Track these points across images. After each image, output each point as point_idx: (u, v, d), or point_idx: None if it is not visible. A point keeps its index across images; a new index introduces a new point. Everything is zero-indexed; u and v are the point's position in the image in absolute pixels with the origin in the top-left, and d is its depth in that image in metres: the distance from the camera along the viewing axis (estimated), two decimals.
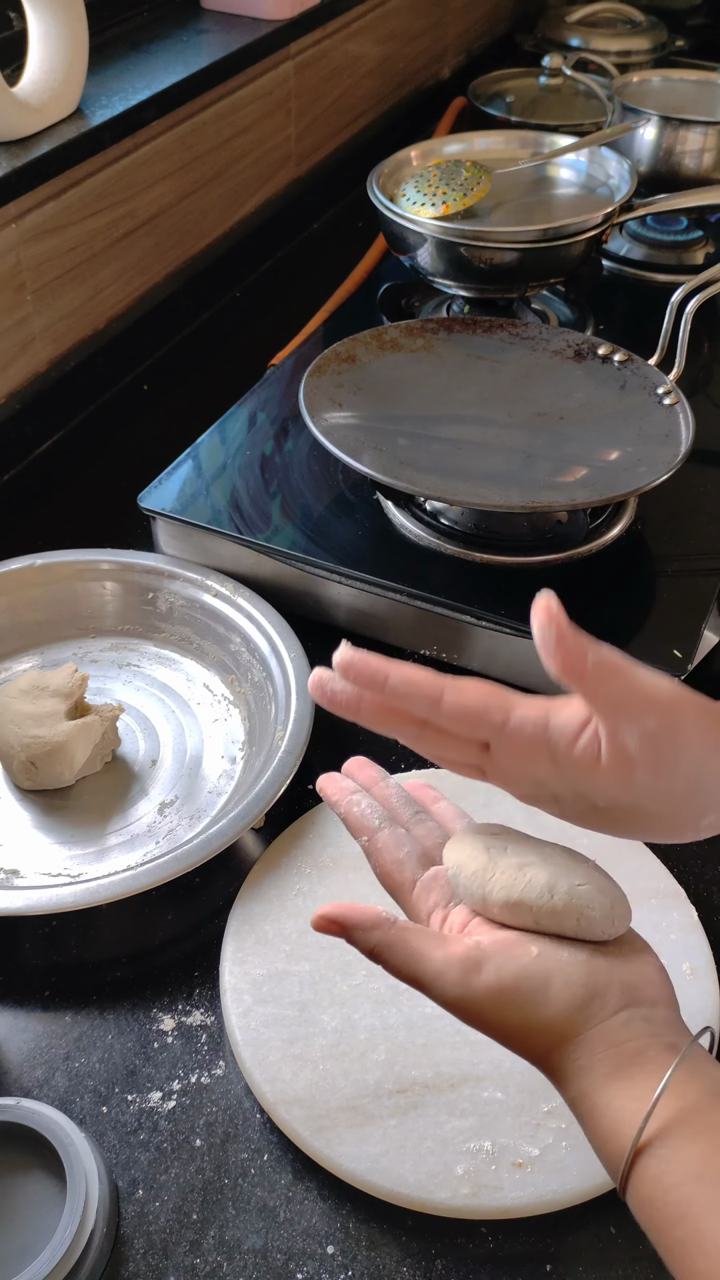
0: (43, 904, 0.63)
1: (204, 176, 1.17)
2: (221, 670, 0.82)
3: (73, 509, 0.96)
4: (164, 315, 1.15)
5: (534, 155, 1.11)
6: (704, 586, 0.80)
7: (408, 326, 0.94)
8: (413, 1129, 0.57)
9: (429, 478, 0.80)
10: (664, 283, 1.16)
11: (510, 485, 0.80)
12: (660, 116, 1.19)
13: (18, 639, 0.84)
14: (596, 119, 1.36)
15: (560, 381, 0.89)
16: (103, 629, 0.85)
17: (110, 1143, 0.58)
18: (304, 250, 1.34)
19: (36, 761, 0.72)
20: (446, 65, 1.69)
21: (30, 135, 0.94)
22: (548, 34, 1.65)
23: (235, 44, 1.14)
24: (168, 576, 0.84)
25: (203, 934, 0.67)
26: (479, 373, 0.90)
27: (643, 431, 0.83)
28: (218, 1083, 0.60)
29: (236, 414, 0.96)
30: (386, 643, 0.83)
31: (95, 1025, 0.62)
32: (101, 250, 1.05)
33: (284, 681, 0.75)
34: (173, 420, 1.04)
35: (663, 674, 0.47)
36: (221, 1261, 0.54)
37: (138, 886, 0.64)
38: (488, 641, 0.78)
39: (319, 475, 0.89)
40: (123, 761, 0.76)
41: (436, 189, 1.02)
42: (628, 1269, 0.54)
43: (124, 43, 1.13)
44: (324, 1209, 0.56)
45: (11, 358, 0.98)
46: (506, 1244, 0.55)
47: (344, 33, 1.36)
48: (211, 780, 0.75)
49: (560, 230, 0.98)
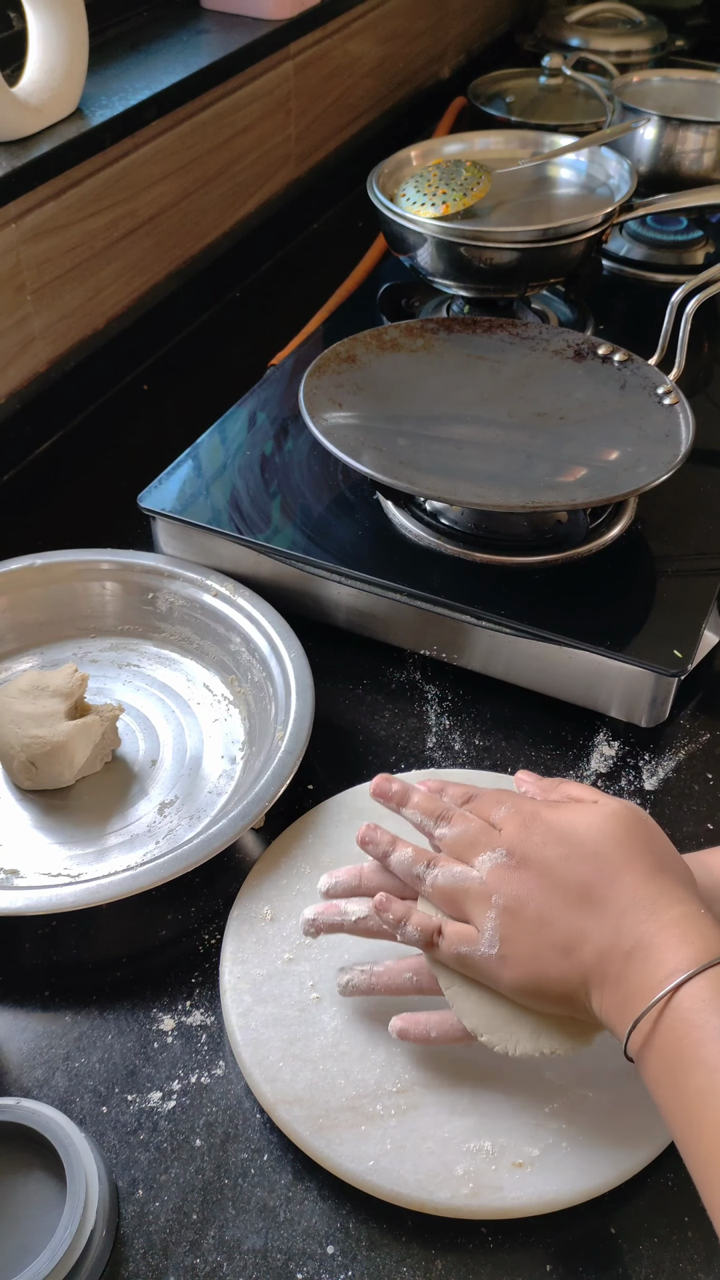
0: (43, 904, 0.63)
1: (204, 176, 1.17)
2: (221, 670, 0.82)
3: (73, 509, 0.96)
4: (164, 315, 1.15)
5: (534, 155, 1.11)
6: (704, 586, 0.80)
7: (408, 326, 0.94)
8: (413, 1129, 0.57)
9: (429, 478, 0.80)
10: (664, 283, 1.16)
11: (510, 485, 0.80)
12: (660, 116, 1.19)
13: (18, 639, 0.84)
14: (596, 119, 1.36)
15: (560, 381, 0.89)
16: (103, 629, 0.85)
17: (110, 1143, 0.58)
18: (304, 250, 1.34)
19: (36, 761, 0.72)
20: (446, 65, 1.69)
21: (30, 135, 0.94)
22: (548, 34, 1.65)
23: (235, 44, 1.14)
24: (168, 576, 0.84)
25: (203, 934, 0.67)
26: (479, 373, 0.90)
27: (643, 431, 0.83)
28: (218, 1083, 0.60)
29: (236, 414, 0.96)
30: (387, 642, 0.83)
31: (95, 1025, 0.62)
32: (101, 250, 1.05)
33: (284, 681, 0.75)
34: (173, 420, 1.04)
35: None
36: (221, 1261, 0.54)
37: (138, 886, 0.64)
38: (488, 641, 0.78)
39: (319, 475, 0.89)
40: (123, 761, 0.76)
41: (436, 189, 1.02)
42: (628, 1269, 0.54)
43: (124, 43, 1.13)
44: (324, 1209, 0.56)
45: (11, 358, 0.98)
46: (506, 1244, 0.55)
47: (344, 33, 1.36)
48: (211, 780, 0.75)
49: (560, 230, 0.98)
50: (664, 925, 0.49)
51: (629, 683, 0.76)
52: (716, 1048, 0.45)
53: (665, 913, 0.50)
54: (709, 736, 0.78)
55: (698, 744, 0.78)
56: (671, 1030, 0.47)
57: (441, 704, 0.80)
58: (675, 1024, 0.47)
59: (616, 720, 0.78)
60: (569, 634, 0.76)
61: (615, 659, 0.75)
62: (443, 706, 0.80)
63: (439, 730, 0.78)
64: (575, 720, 0.79)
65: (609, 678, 0.76)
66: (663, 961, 0.48)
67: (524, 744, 0.77)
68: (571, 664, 0.76)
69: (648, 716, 0.77)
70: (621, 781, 0.75)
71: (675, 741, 0.78)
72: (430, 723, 0.79)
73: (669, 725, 0.78)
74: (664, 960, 0.48)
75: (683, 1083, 0.46)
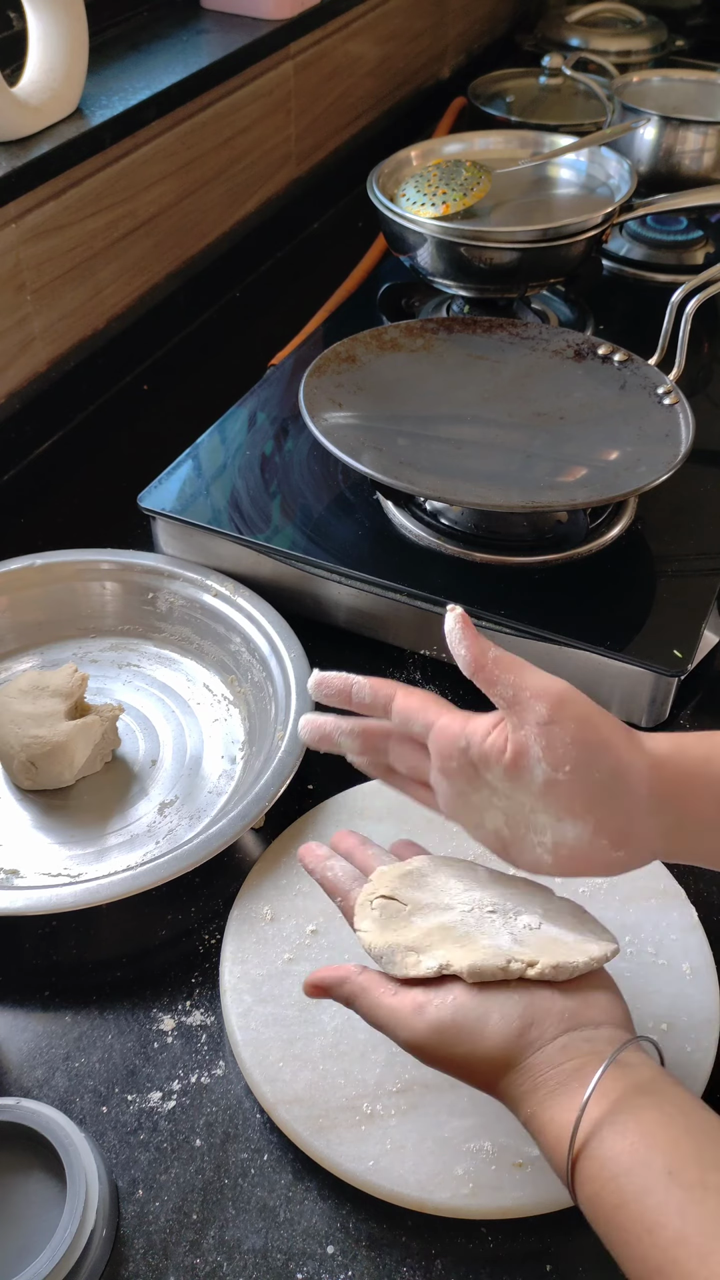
0: (43, 904, 0.63)
1: (204, 176, 1.17)
2: (221, 670, 0.82)
3: (73, 509, 0.96)
4: (164, 315, 1.15)
5: (534, 155, 1.11)
6: (704, 586, 0.80)
7: (408, 326, 0.94)
8: (413, 1129, 0.57)
9: (429, 478, 0.80)
10: (664, 283, 1.16)
11: (510, 485, 0.80)
12: (660, 116, 1.19)
13: (18, 639, 0.84)
14: (596, 119, 1.36)
15: (560, 381, 0.89)
16: (103, 629, 0.85)
17: (110, 1143, 0.58)
18: (304, 250, 1.34)
19: (36, 761, 0.72)
20: (446, 65, 1.69)
21: (30, 135, 0.94)
22: (548, 34, 1.65)
23: (235, 44, 1.14)
24: (168, 576, 0.84)
25: (203, 934, 0.67)
26: (479, 373, 0.90)
27: (643, 431, 0.83)
28: (218, 1083, 0.60)
29: (236, 414, 0.96)
30: (386, 642, 0.83)
31: (95, 1025, 0.62)
32: (101, 250, 1.05)
33: (284, 681, 0.75)
34: (173, 420, 1.04)
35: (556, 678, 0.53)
36: (221, 1261, 0.54)
37: (138, 886, 0.64)
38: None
39: (319, 475, 0.89)
40: (123, 761, 0.76)
41: (436, 189, 1.02)
42: None
43: (124, 43, 1.13)
44: (324, 1209, 0.56)
45: (11, 358, 0.98)
46: (506, 1244, 0.55)
47: (344, 33, 1.36)
48: (211, 780, 0.75)
49: (560, 230, 0.98)
50: (535, 1110, 0.48)
51: (629, 683, 0.76)
52: (623, 1216, 0.44)
53: (525, 1105, 0.48)
54: None
55: None
56: (585, 1201, 0.46)
57: None
58: (586, 1196, 0.46)
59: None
60: (569, 634, 0.76)
61: (615, 659, 0.75)
62: None
63: None
64: None
65: (609, 678, 0.76)
66: (545, 1132, 0.47)
67: None
68: (571, 664, 0.76)
69: (648, 716, 0.77)
70: None
71: None
72: None
73: (669, 725, 0.78)
74: (547, 1132, 0.47)
75: (609, 1238, 0.45)
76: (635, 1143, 0.44)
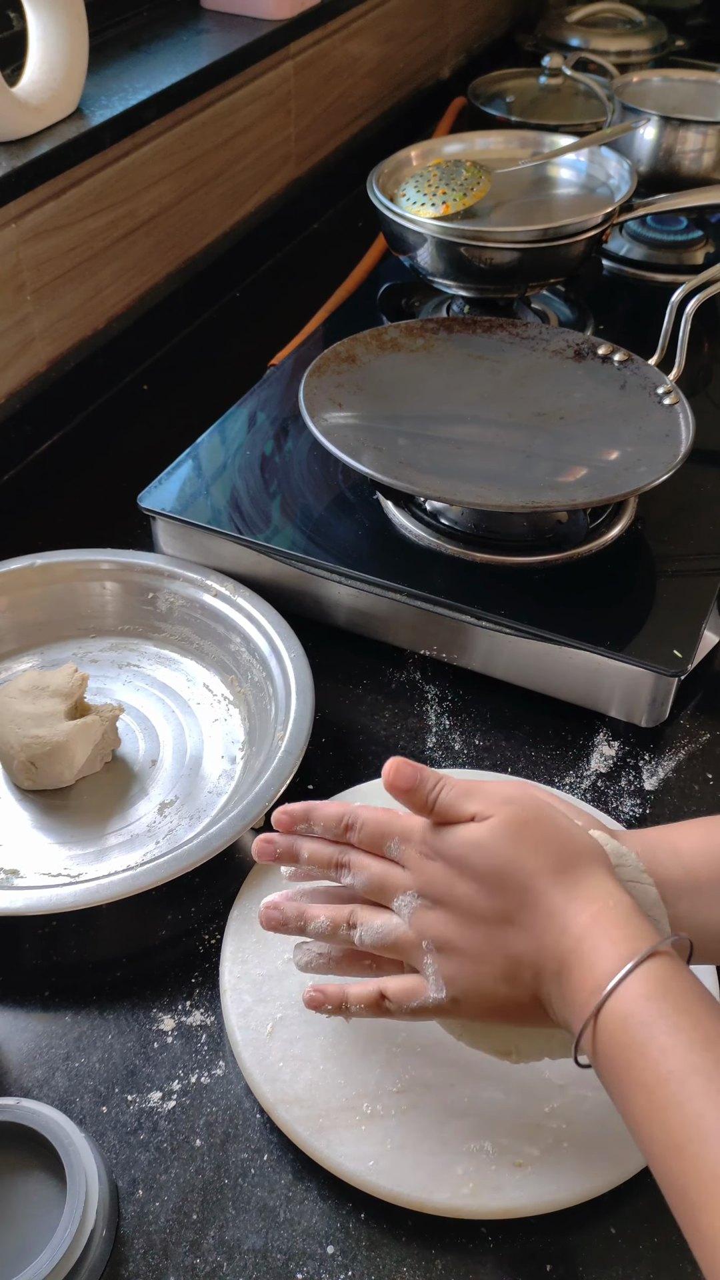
0: (43, 904, 0.63)
1: (204, 176, 1.17)
2: (221, 670, 0.82)
3: (73, 509, 0.96)
4: (164, 315, 1.15)
5: (534, 155, 1.11)
6: (704, 586, 0.80)
7: (408, 326, 0.94)
8: (413, 1129, 0.57)
9: (429, 478, 0.80)
10: (664, 283, 1.16)
11: (510, 485, 0.80)
12: (660, 116, 1.19)
13: (18, 639, 0.84)
14: (596, 119, 1.36)
15: (560, 381, 0.89)
16: (103, 629, 0.85)
17: (110, 1143, 0.58)
18: (304, 250, 1.34)
19: (36, 761, 0.72)
20: (446, 65, 1.69)
21: (30, 135, 0.94)
22: (548, 34, 1.65)
23: (235, 44, 1.14)
24: (168, 576, 0.84)
25: (203, 934, 0.67)
26: (479, 373, 0.90)
27: (643, 431, 0.83)
28: (218, 1083, 0.60)
29: (236, 414, 0.96)
30: (386, 642, 0.83)
31: (95, 1025, 0.62)
32: (101, 250, 1.05)
33: (284, 681, 0.75)
34: (173, 420, 1.04)
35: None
36: (221, 1261, 0.54)
37: (138, 886, 0.64)
38: (488, 641, 0.78)
39: (319, 475, 0.89)
40: (123, 761, 0.76)
41: (436, 189, 1.02)
42: (628, 1269, 0.54)
43: (124, 43, 1.13)
44: (324, 1209, 0.56)
45: (11, 358, 0.98)
46: (506, 1244, 0.55)
47: (344, 33, 1.36)
48: (211, 780, 0.75)
49: (560, 230, 0.98)
50: (581, 937, 0.48)
51: (629, 683, 0.76)
52: (649, 1064, 0.44)
53: (577, 921, 0.49)
54: (709, 736, 0.78)
55: (698, 744, 0.78)
56: (607, 1054, 0.46)
57: (441, 704, 0.80)
58: (609, 1046, 0.46)
59: (616, 720, 0.78)
60: (569, 634, 0.76)
61: (615, 659, 0.75)
62: (443, 706, 0.80)
63: (439, 730, 0.78)
64: (575, 720, 0.79)
65: (609, 678, 0.76)
66: (584, 982, 0.47)
67: (524, 744, 0.77)
68: (571, 664, 0.76)
69: (648, 716, 0.77)
70: (621, 781, 0.75)
71: (675, 741, 0.78)
72: (430, 723, 0.79)
73: (669, 725, 0.78)
74: (585, 980, 0.47)
75: (628, 1102, 0.45)
76: (676, 1005, 0.46)
